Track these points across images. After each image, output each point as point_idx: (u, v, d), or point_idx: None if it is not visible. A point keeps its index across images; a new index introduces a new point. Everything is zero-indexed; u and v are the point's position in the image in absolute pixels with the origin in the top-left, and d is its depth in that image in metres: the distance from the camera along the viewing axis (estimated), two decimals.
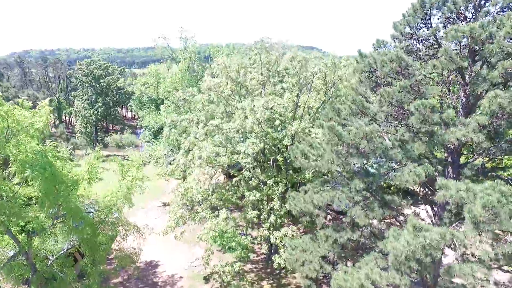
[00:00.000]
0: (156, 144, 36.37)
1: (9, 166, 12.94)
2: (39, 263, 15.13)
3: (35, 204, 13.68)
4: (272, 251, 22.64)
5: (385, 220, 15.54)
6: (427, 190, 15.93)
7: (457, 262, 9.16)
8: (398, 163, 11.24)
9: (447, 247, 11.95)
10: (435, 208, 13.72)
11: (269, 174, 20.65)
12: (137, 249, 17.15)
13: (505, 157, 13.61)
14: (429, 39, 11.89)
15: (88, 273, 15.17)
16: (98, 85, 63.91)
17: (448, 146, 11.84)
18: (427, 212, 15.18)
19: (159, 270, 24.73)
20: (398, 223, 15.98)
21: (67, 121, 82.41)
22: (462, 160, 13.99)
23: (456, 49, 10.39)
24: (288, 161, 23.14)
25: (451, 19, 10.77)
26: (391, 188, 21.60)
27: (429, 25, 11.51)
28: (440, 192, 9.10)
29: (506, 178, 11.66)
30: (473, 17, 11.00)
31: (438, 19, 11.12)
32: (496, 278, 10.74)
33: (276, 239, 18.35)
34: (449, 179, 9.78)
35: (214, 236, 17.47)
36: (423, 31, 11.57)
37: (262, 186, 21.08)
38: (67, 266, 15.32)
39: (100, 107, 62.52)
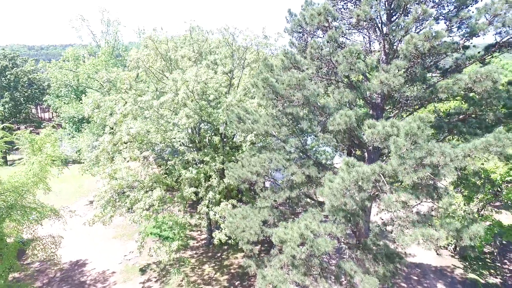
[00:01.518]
0: (80, 136, 32.82)
1: None
2: None
3: None
4: (212, 234, 21.98)
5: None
6: (354, 148, 16.89)
7: (386, 195, 9.81)
8: (329, 115, 11.61)
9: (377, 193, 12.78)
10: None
11: (205, 151, 19.97)
12: (56, 237, 15.00)
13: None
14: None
15: None
16: (3, 78, 55.40)
17: (372, 100, 12.65)
18: None
19: (87, 269, 22.25)
20: None
21: None
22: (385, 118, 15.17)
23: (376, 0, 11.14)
24: (225, 139, 22.74)
25: None
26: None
27: None
28: (368, 130, 9.60)
29: None
30: None
31: None
32: (418, 208, 11.77)
33: (216, 214, 17.78)
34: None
35: (148, 216, 16.17)
36: None
37: (199, 164, 20.32)
38: None
39: (7, 103, 54.27)
